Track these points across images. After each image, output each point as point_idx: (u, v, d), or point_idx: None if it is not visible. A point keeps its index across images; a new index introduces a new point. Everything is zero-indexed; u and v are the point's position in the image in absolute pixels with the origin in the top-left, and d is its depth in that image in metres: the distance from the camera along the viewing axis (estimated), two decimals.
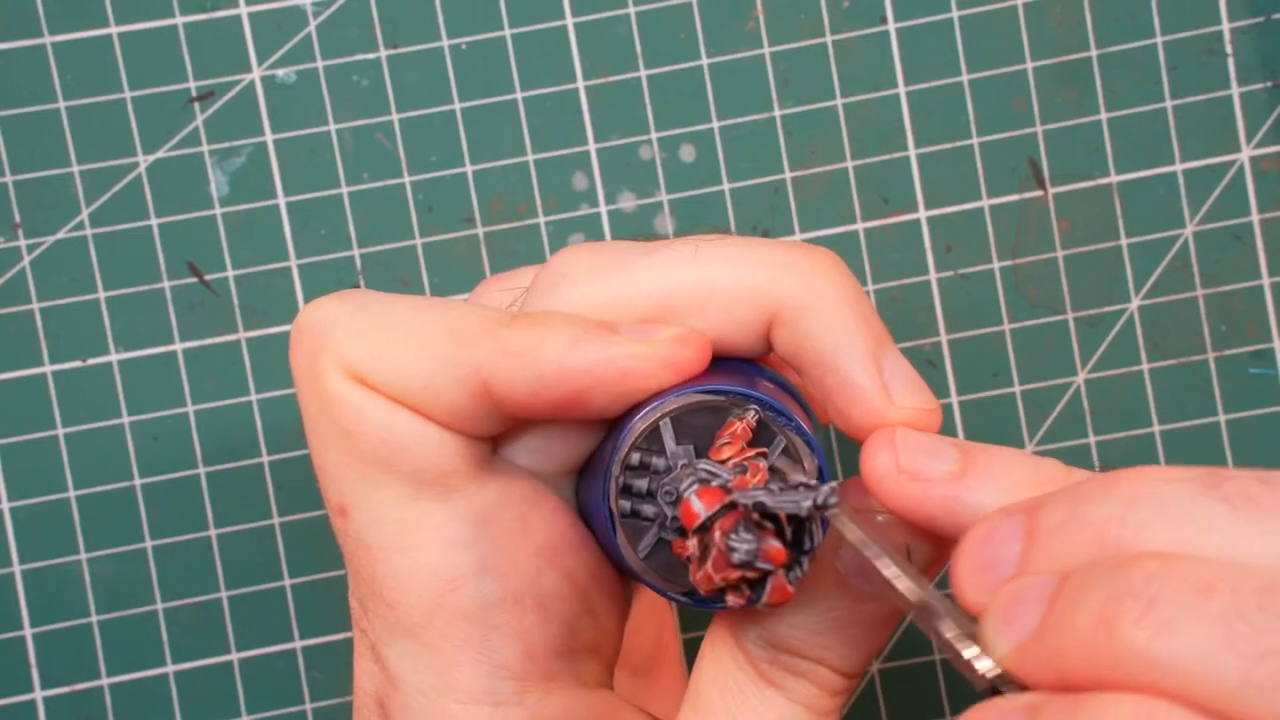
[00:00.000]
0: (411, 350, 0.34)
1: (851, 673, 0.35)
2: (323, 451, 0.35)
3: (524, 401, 0.34)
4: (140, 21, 0.48)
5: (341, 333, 0.35)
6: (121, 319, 0.48)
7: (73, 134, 0.48)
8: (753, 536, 0.30)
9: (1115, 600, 0.26)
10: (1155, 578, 0.26)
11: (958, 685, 0.49)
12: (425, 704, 0.35)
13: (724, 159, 0.49)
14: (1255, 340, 0.49)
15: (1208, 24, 0.48)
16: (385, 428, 0.34)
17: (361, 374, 0.34)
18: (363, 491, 0.35)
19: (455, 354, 0.34)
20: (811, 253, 0.35)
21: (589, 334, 0.34)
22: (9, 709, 0.48)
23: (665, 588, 0.33)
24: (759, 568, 0.30)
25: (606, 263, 0.36)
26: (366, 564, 0.35)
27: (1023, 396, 0.49)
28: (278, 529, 0.48)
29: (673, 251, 0.35)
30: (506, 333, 0.34)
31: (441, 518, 0.35)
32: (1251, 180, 0.49)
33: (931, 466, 0.33)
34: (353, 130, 0.48)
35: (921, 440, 0.33)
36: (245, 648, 0.48)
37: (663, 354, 0.34)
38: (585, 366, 0.33)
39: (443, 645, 0.35)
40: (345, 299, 0.36)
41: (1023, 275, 0.49)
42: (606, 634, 0.37)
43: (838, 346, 0.34)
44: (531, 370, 0.33)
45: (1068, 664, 0.26)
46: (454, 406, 0.34)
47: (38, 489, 0.48)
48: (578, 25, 0.48)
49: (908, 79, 0.49)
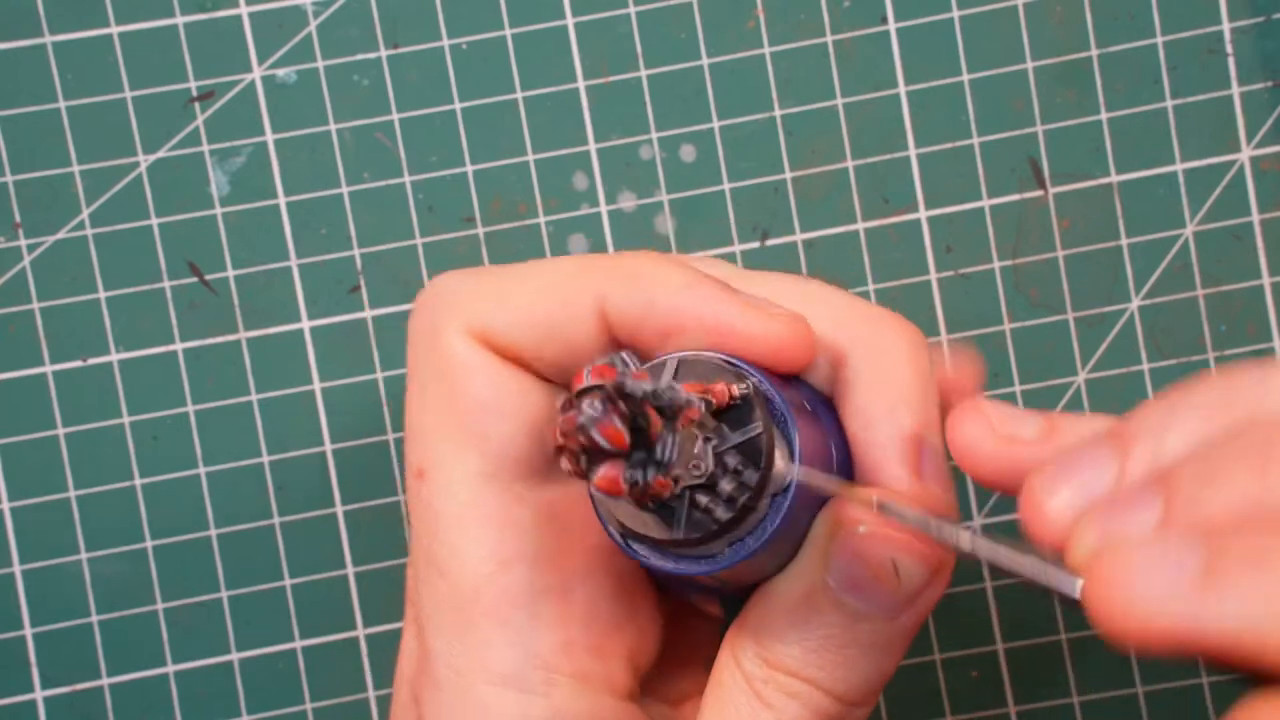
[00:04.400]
0: (535, 290, 0.35)
1: (850, 698, 0.35)
2: (420, 412, 0.36)
3: (632, 324, 0.34)
4: (140, 21, 0.48)
5: (468, 295, 0.36)
6: (122, 319, 0.48)
7: (73, 134, 0.48)
8: (602, 408, 0.31)
9: (1263, 448, 0.27)
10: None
11: (958, 685, 0.49)
12: (454, 680, 0.35)
13: (724, 159, 0.49)
14: (1255, 340, 0.49)
15: (1208, 24, 0.48)
16: (490, 390, 0.35)
17: (485, 328, 0.35)
18: (447, 454, 0.35)
19: (577, 282, 0.35)
20: (902, 321, 0.36)
21: (708, 281, 0.35)
22: (9, 709, 0.48)
23: (607, 520, 0.34)
24: (592, 437, 0.31)
25: (718, 266, 0.37)
26: (429, 530, 0.36)
27: (1023, 396, 0.49)
28: (278, 529, 0.48)
29: (778, 275, 0.37)
30: (630, 261, 0.35)
31: (510, 499, 0.35)
32: (1252, 180, 0.49)
33: (1023, 430, 0.33)
34: (353, 130, 0.48)
35: (1007, 409, 0.34)
36: (245, 648, 0.48)
37: (769, 325, 0.34)
38: (695, 307, 0.34)
39: (482, 623, 0.35)
40: (472, 270, 0.37)
41: (1023, 275, 0.49)
42: (645, 646, 0.37)
43: (889, 409, 0.35)
44: (646, 294, 0.34)
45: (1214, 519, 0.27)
46: (570, 341, 0.35)
47: (38, 489, 0.48)
48: (578, 25, 0.48)
49: (908, 79, 0.49)
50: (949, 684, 0.49)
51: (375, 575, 0.48)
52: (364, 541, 0.48)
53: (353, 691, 0.48)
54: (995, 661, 0.49)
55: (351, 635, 0.48)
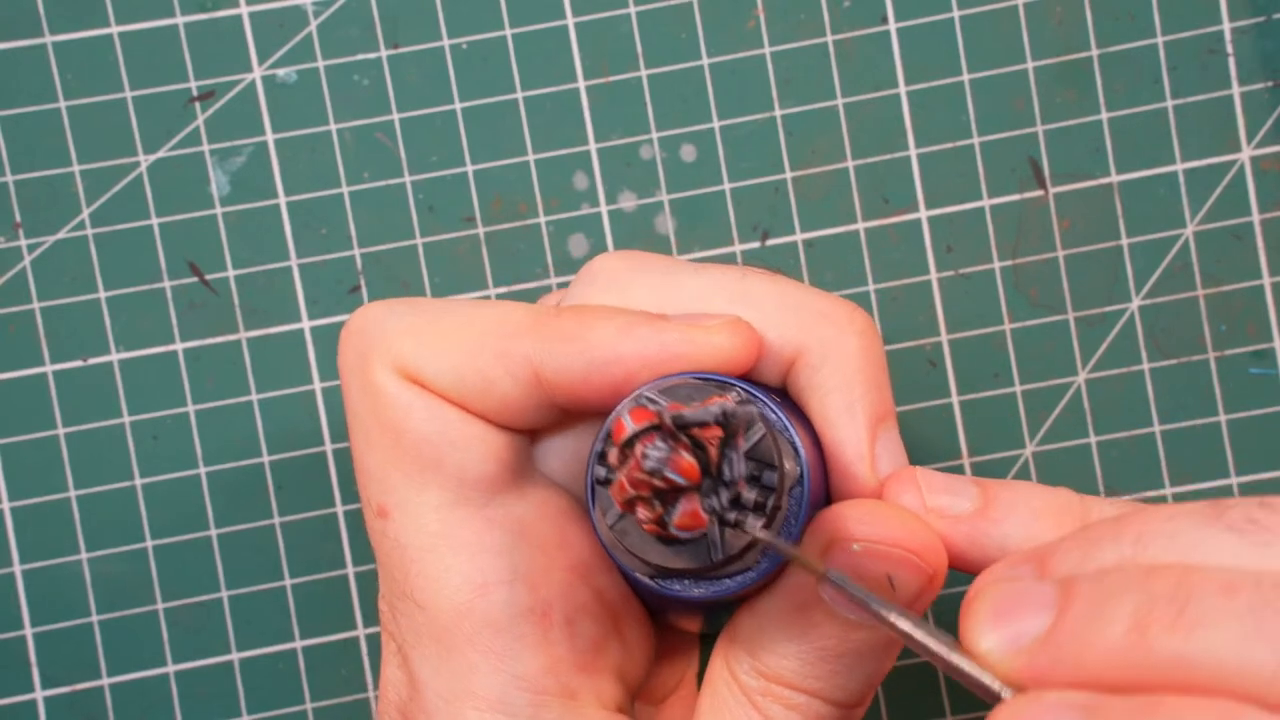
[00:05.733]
0: (463, 343, 0.35)
1: (848, 703, 0.35)
2: (367, 452, 0.35)
3: (575, 387, 0.34)
4: (141, 21, 0.48)
5: (393, 332, 0.35)
6: (122, 319, 0.48)
7: (73, 134, 0.48)
8: (667, 447, 0.31)
9: (1146, 607, 0.26)
10: (1181, 584, 0.26)
11: (959, 685, 0.49)
12: (444, 709, 0.35)
13: (724, 159, 0.49)
14: (1255, 340, 0.49)
15: (1208, 24, 0.48)
16: (433, 424, 0.34)
17: (413, 370, 0.35)
18: (405, 492, 0.35)
19: (507, 345, 0.34)
20: (850, 310, 0.36)
21: (640, 319, 0.34)
22: (9, 709, 0.48)
23: (631, 565, 0.33)
24: (668, 478, 0.31)
25: (652, 269, 0.36)
26: (401, 565, 0.35)
27: (1023, 396, 0.49)
28: (278, 529, 0.48)
29: (720, 274, 0.36)
30: (557, 321, 0.35)
31: (480, 523, 0.35)
32: (1252, 180, 0.49)
33: (955, 504, 0.34)
34: (353, 130, 0.48)
35: (942, 479, 0.34)
36: (245, 648, 0.48)
37: (715, 339, 0.34)
38: (637, 350, 0.34)
39: (466, 650, 0.35)
40: (395, 303, 0.36)
41: (1023, 275, 0.49)
42: (633, 660, 0.37)
43: (846, 406, 0.35)
44: (584, 355, 0.34)
45: (1093, 668, 0.27)
46: (505, 398, 0.34)
47: (38, 489, 0.48)
48: (578, 25, 0.48)
49: (908, 79, 0.49)
50: (949, 684, 0.49)
51: (375, 575, 0.48)
52: (364, 541, 0.48)
53: (353, 691, 0.48)
54: None
55: (351, 635, 0.48)
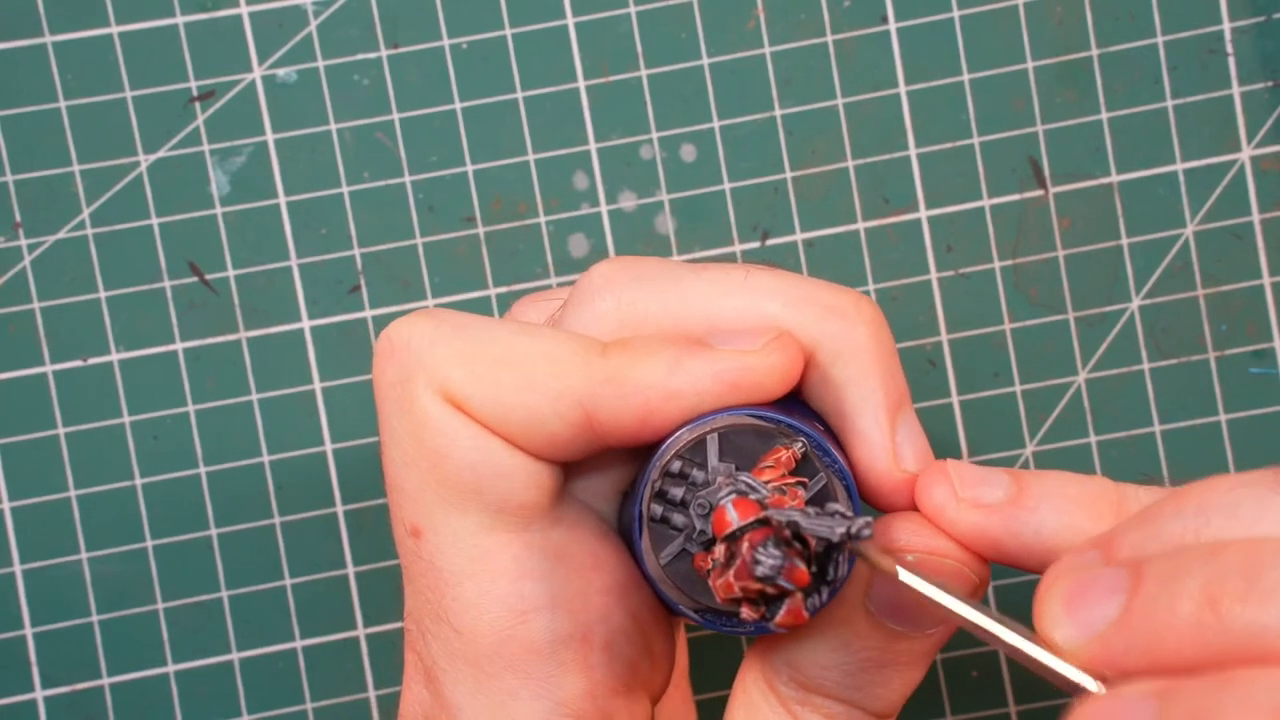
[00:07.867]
0: (513, 379, 0.34)
1: (884, 713, 0.35)
2: (403, 471, 0.35)
3: (632, 430, 0.33)
4: (141, 21, 0.48)
5: (442, 357, 0.34)
6: (122, 319, 0.48)
7: (73, 134, 0.48)
8: (781, 554, 0.31)
9: (1217, 581, 0.26)
10: (1250, 556, 0.26)
11: (958, 684, 0.49)
12: None
13: (724, 159, 0.49)
14: (1255, 340, 0.49)
15: (1208, 24, 0.48)
16: (477, 454, 0.34)
17: (460, 399, 0.34)
18: (441, 516, 0.34)
19: (557, 385, 0.33)
20: (857, 301, 0.35)
21: (687, 351, 0.34)
22: (9, 709, 0.48)
23: (678, 600, 0.33)
24: (780, 585, 0.31)
25: (653, 274, 0.35)
26: (435, 587, 0.35)
27: (1023, 396, 0.49)
28: (278, 529, 0.48)
29: (723, 273, 0.35)
30: (603, 361, 0.34)
31: (518, 548, 0.34)
32: (1252, 180, 0.49)
33: (988, 493, 0.33)
34: (353, 130, 0.48)
35: (974, 471, 0.34)
36: (245, 648, 0.48)
37: (769, 361, 0.33)
38: (691, 386, 0.33)
39: (506, 677, 0.34)
40: (440, 319, 0.35)
41: (1023, 275, 0.49)
42: (660, 673, 0.37)
43: (863, 399, 0.35)
44: (637, 397, 0.33)
45: (1167, 648, 0.26)
46: (554, 437, 0.34)
47: (38, 489, 0.48)
48: (578, 25, 0.48)
49: (908, 79, 0.49)
50: (949, 684, 0.49)
51: (375, 575, 0.48)
52: (364, 541, 0.48)
53: (353, 691, 0.48)
54: (995, 661, 0.49)
55: (352, 635, 0.48)
